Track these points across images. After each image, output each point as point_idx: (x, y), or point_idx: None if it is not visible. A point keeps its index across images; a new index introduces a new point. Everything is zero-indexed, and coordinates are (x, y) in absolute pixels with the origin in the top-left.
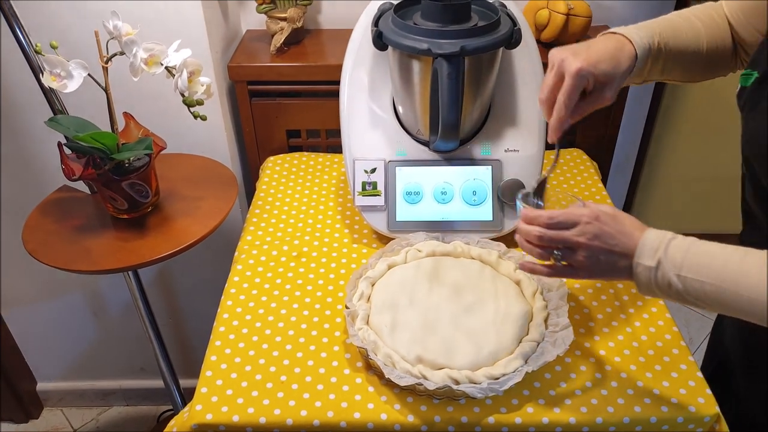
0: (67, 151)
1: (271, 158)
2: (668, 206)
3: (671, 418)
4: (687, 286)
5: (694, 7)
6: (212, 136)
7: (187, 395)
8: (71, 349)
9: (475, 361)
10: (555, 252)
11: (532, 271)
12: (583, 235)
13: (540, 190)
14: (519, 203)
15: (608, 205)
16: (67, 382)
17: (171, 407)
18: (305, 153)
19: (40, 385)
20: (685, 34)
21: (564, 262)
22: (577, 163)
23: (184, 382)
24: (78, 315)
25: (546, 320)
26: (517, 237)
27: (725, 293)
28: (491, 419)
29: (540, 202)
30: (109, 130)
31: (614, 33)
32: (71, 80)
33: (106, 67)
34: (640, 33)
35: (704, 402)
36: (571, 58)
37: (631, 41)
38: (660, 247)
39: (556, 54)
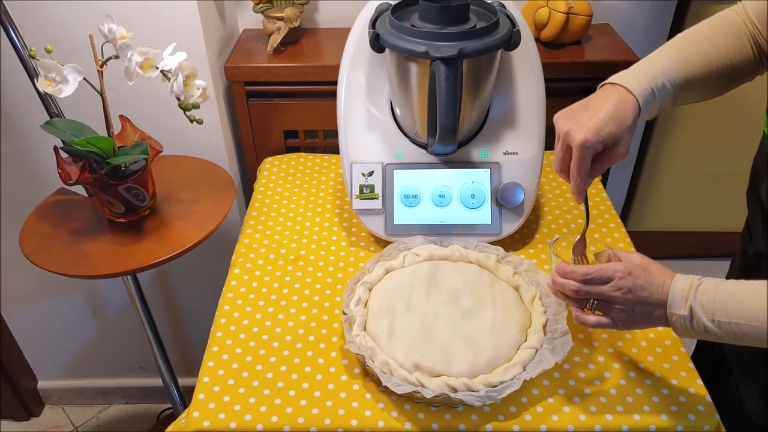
0: (64, 154)
1: (269, 159)
2: (669, 204)
3: (671, 426)
4: (723, 329)
5: (704, 22)
6: (209, 137)
7: (186, 394)
8: (71, 347)
9: (473, 369)
10: (591, 301)
11: (583, 323)
12: (618, 290)
13: (579, 249)
14: (553, 255)
15: (637, 255)
16: (68, 381)
17: (170, 406)
18: (303, 153)
19: (41, 383)
20: (691, 64)
21: (598, 312)
22: None
23: (182, 381)
24: (77, 314)
25: (545, 326)
26: (549, 286)
27: (763, 331)
28: (489, 427)
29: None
30: (106, 133)
31: (614, 84)
32: (66, 85)
33: (101, 71)
34: (641, 79)
35: (704, 410)
36: (575, 129)
37: (632, 92)
38: (689, 295)
39: (560, 125)
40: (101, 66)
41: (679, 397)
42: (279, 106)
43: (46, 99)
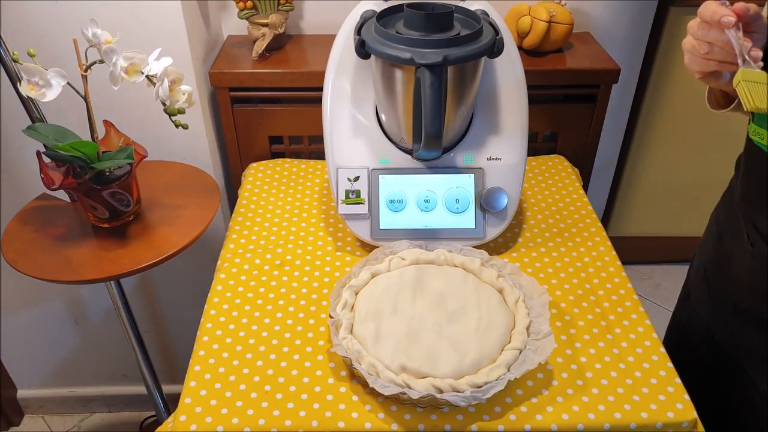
0: (47, 159)
1: (254, 164)
2: (649, 211)
3: (650, 423)
4: None
5: None
6: (194, 143)
7: (170, 401)
8: (52, 355)
9: (458, 370)
10: None
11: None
12: None
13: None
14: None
15: None
16: (48, 389)
17: (154, 413)
18: (288, 159)
19: (21, 392)
20: None
21: None
22: (559, 169)
23: (166, 388)
24: (59, 322)
25: (528, 328)
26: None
27: None
28: (474, 427)
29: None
30: (89, 138)
31: None
32: (50, 89)
33: (86, 76)
34: None
35: (682, 408)
36: None
37: None
38: None
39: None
40: (85, 71)
41: (658, 396)
42: (264, 112)
43: (28, 103)
